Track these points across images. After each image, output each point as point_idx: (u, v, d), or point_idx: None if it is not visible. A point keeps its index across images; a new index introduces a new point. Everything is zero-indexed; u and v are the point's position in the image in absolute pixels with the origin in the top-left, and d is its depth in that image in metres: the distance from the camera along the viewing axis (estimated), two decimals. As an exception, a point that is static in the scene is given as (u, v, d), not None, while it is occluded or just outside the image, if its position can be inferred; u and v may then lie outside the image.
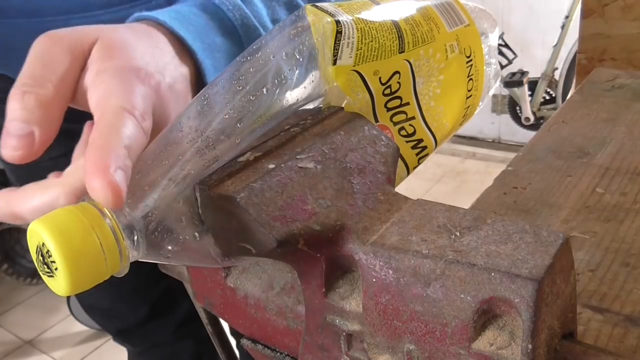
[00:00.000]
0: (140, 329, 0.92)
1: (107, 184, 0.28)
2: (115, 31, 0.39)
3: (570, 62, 2.62)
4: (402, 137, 0.42)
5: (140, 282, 0.86)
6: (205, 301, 0.40)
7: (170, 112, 0.38)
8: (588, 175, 0.62)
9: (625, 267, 0.49)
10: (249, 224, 0.29)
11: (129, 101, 0.33)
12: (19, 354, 1.98)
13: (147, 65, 0.37)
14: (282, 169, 0.32)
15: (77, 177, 0.32)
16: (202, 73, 0.43)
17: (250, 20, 0.47)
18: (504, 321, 0.27)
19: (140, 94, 0.34)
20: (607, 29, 0.91)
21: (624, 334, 0.43)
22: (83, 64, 0.36)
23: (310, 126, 0.35)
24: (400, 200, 0.33)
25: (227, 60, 0.46)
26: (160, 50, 0.41)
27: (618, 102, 0.78)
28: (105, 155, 0.29)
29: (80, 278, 0.27)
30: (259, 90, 0.34)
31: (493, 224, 0.29)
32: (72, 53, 0.35)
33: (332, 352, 0.32)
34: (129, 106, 0.32)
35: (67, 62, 0.35)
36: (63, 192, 0.31)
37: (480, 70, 0.48)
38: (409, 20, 0.42)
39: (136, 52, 0.38)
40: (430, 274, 0.27)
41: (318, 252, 0.30)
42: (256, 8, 0.49)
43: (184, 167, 0.30)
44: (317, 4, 0.38)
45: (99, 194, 0.28)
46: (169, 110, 0.38)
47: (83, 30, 0.37)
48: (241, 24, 0.47)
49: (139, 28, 0.41)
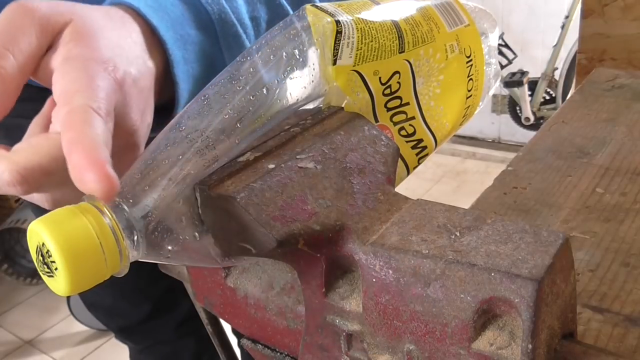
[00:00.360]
0: (142, 327, 0.92)
1: (103, 176, 0.28)
2: (89, 15, 0.38)
3: (570, 62, 2.62)
4: (402, 137, 0.42)
5: (143, 280, 0.86)
6: (205, 301, 0.40)
7: (132, 107, 0.37)
8: (588, 175, 0.62)
9: (625, 267, 0.49)
10: (249, 224, 0.29)
11: (94, 99, 0.33)
12: (19, 354, 1.98)
13: (115, 57, 0.37)
14: (282, 169, 0.32)
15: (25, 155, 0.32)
16: (171, 64, 0.43)
17: (228, 16, 0.47)
18: (504, 321, 0.27)
19: (104, 91, 0.34)
20: (607, 29, 0.91)
21: (624, 334, 0.43)
22: (51, 41, 0.36)
23: (310, 126, 0.35)
24: (400, 200, 0.33)
25: (199, 53, 0.45)
26: (132, 41, 0.40)
27: (618, 102, 0.78)
28: (92, 150, 0.29)
29: (80, 278, 0.27)
30: (259, 90, 0.34)
31: (493, 224, 0.29)
32: (42, 30, 0.35)
33: (332, 352, 0.32)
34: (95, 105, 0.33)
35: (34, 37, 0.34)
36: (9, 168, 0.31)
37: (480, 70, 0.48)
38: (409, 20, 0.42)
39: (106, 41, 0.37)
40: (430, 274, 0.27)
41: (318, 252, 0.30)
42: (236, 4, 0.48)
43: (184, 167, 0.30)
44: (317, 4, 0.38)
45: (94, 186, 0.28)
46: (130, 105, 0.37)
47: (57, 7, 0.37)
48: (218, 19, 0.47)
49: (115, 15, 0.41)
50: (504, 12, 2.81)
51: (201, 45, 0.46)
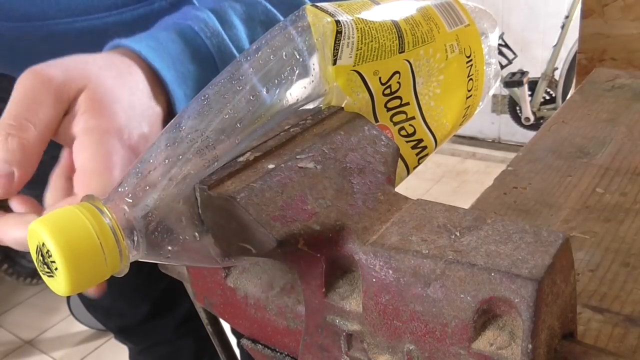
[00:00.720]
0: (141, 327, 0.92)
1: None
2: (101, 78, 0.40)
3: (570, 62, 2.62)
4: (402, 137, 0.42)
5: (141, 280, 0.86)
6: (205, 301, 0.40)
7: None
8: (588, 175, 0.62)
9: (625, 267, 0.49)
10: (249, 224, 0.29)
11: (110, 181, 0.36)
12: (19, 354, 1.98)
13: (129, 121, 0.40)
14: (282, 169, 0.32)
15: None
16: (172, 103, 0.45)
17: (227, 48, 0.49)
18: (504, 321, 0.27)
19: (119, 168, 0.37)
20: (607, 29, 0.91)
21: (624, 334, 0.43)
22: (67, 107, 0.38)
23: (310, 126, 0.35)
24: (400, 200, 0.33)
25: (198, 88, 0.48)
26: (140, 92, 0.43)
27: (618, 102, 0.78)
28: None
29: (80, 278, 0.27)
30: (259, 90, 0.34)
31: (493, 224, 0.29)
32: (58, 98, 0.37)
33: (332, 352, 0.32)
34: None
35: (52, 106, 0.37)
36: None
37: (480, 70, 0.48)
38: (409, 20, 0.42)
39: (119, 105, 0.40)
40: (430, 274, 0.27)
41: (318, 252, 0.30)
42: (235, 31, 0.50)
43: (184, 167, 0.30)
44: (317, 4, 0.38)
45: None
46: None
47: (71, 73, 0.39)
48: (217, 51, 0.49)
49: (121, 65, 0.43)
50: (504, 12, 2.81)
51: (201, 79, 0.48)
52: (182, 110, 0.33)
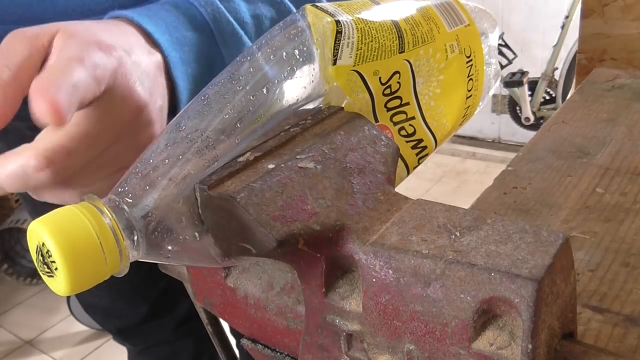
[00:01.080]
0: (140, 328, 0.92)
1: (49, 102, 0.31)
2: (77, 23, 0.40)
3: (570, 62, 2.62)
4: (402, 137, 0.42)
5: (140, 281, 0.86)
6: (205, 301, 0.40)
7: (135, 82, 0.39)
8: (588, 175, 0.62)
9: (625, 267, 0.49)
10: (249, 224, 0.29)
11: (81, 55, 0.36)
12: (19, 354, 1.98)
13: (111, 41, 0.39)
14: (282, 169, 0.32)
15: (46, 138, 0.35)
16: (168, 65, 0.44)
17: (223, 15, 0.49)
18: (504, 321, 0.27)
19: (97, 56, 0.37)
20: (607, 29, 0.91)
21: (624, 334, 0.43)
22: (43, 54, 0.38)
23: (310, 126, 0.35)
24: (400, 200, 0.33)
25: (196, 54, 0.47)
26: (128, 37, 0.42)
27: (618, 102, 0.78)
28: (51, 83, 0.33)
29: (80, 278, 0.27)
30: (259, 90, 0.34)
31: (493, 224, 0.29)
32: (31, 44, 0.37)
33: (332, 352, 0.32)
34: (81, 58, 0.35)
35: (26, 51, 0.37)
36: (34, 154, 0.34)
37: (480, 70, 0.48)
38: (409, 20, 0.42)
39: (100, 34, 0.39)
40: (430, 274, 0.27)
41: (318, 252, 0.30)
42: (233, 4, 0.49)
43: (184, 167, 0.30)
44: (317, 4, 0.38)
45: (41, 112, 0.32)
46: (132, 79, 0.39)
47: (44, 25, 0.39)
48: (213, 19, 0.48)
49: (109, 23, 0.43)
50: (504, 12, 2.81)
51: (198, 45, 0.47)
52: (182, 110, 0.33)
